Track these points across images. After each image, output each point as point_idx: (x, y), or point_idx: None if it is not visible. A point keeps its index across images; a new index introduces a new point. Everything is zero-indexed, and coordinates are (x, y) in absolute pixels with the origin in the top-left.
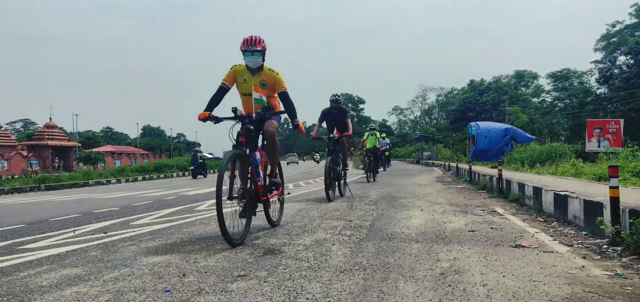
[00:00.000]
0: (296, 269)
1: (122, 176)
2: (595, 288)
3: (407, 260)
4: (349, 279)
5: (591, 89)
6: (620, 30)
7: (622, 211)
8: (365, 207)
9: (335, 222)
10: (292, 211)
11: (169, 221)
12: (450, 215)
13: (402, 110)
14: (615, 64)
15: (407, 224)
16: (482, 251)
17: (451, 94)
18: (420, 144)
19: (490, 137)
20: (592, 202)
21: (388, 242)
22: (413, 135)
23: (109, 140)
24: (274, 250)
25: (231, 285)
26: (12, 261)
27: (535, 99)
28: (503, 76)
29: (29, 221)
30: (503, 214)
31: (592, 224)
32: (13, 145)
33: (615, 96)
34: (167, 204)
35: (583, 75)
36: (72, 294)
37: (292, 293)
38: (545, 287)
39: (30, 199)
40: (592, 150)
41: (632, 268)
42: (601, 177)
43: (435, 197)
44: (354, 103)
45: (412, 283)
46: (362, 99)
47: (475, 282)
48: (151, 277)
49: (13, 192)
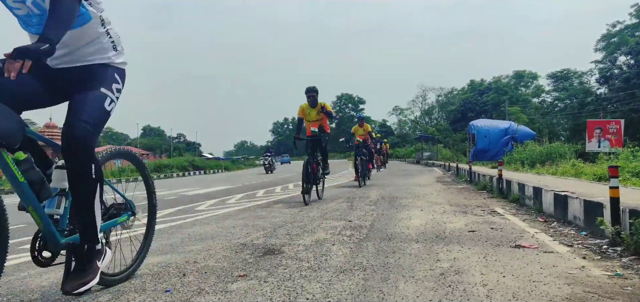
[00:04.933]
0: (296, 269)
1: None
2: (595, 288)
3: (407, 260)
4: (349, 280)
5: (591, 89)
6: (620, 31)
7: (622, 211)
8: (365, 208)
9: (335, 222)
10: (291, 211)
11: (169, 221)
12: (451, 215)
13: (402, 111)
14: (616, 64)
15: (407, 225)
16: (482, 251)
17: (451, 94)
18: (421, 144)
19: (490, 137)
20: (592, 202)
21: (388, 243)
22: (413, 135)
23: (109, 140)
24: (274, 250)
25: (231, 285)
26: (12, 261)
27: (535, 99)
28: (503, 76)
29: (29, 221)
30: (503, 214)
31: (592, 224)
32: None
33: (616, 96)
34: (167, 204)
35: (583, 75)
36: None
37: (292, 293)
38: (545, 287)
39: None
40: (592, 150)
41: (632, 268)
42: (601, 178)
43: (435, 197)
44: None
45: (412, 283)
46: (362, 99)
47: (475, 283)
48: (151, 277)
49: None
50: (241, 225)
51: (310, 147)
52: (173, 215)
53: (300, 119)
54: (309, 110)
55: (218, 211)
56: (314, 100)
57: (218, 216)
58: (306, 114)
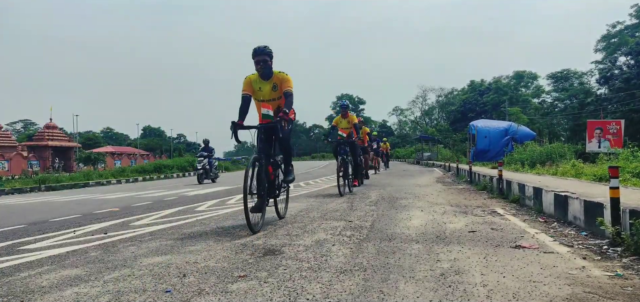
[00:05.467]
0: (296, 270)
1: (123, 176)
2: (596, 289)
3: (408, 260)
4: (349, 280)
5: (591, 89)
6: (620, 31)
7: (623, 211)
8: (366, 208)
9: (335, 222)
10: (292, 212)
11: (170, 221)
12: (451, 216)
13: (403, 111)
14: (616, 65)
15: (407, 225)
16: (482, 252)
17: (451, 94)
18: (421, 144)
19: (490, 138)
20: (592, 202)
21: (388, 243)
22: (413, 135)
23: (109, 141)
24: (274, 250)
25: (231, 286)
26: (12, 262)
27: (535, 99)
28: (503, 77)
29: (30, 221)
30: (503, 214)
31: (592, 224)
32: (13, 145)
33: (616, 97)
34: (167, 205)
35: (583, 75)
36: (72, 295)
37: (293, 294)
38: (545, 287)
39: (31, 200)
40: (592, 150)
41: (633, 269)
42: (601, 178)
43: (435, 197)
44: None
45: (413, 284)
46: (362, 100)
47: (475, 283)
48: (151, 278)
49: (13, 192)
50: (241, 225)
51: (262, 139)
52: (173, 215)
53: (245, 98)
54: (259, 82)
55: (218, 211)
56: (266, 68)
57: (218, 217)
58: (255, 91)
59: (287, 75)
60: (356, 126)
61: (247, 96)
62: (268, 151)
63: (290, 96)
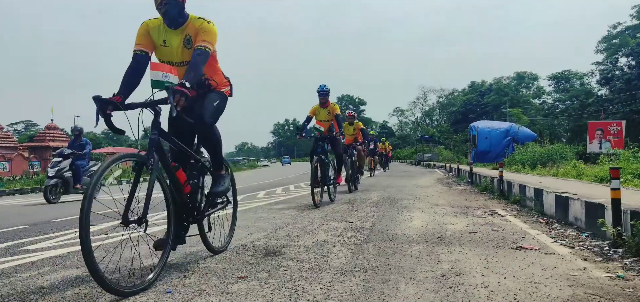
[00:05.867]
0: (297, 271)
1: (123, 177)
2: (597, 290)
3: (408, 261)
4: (349, 281)
5: (592, 90)
6: (621, 32)
7: (624, 212)
8: (366, 209)
9: (336, 223)
10: (292, 212)
11: None
12: (451, 217)
13: (403, 112)
14: (617, 66)
15: (408, 226)
16: (483, 253)
17: (452, 95)
18: (421, 145)
19: (491, 139)
20: (593, 203)
21: (389, 244)
22: (414, 136)
23: (110, 142)
24: (274, 251)
25: (232, 286)
26: (13, 262)
27: (536, 100)
28: (504, 78)
29: (30, 222)
30: (504, 215)
31: (593, 225)
32: (14, 146)
33: (617, 98)
34: None
35: (584, 76)
36: (73, 295)
37: (293, 295)
38: (546, 289)
39: (32, 200)
40: (593, 151)
41: (634, 270)
42: (602, 179)
43: (436, 198)
44: (354, 104)
45: (413, 285)
46: (363, 101)
47: (476, 284)
48: None
49: (14, 193)
50: (242, 226)
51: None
52: None
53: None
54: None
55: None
56: (174, 6)
57: (219, 217)
58: (156, 46)
59: (209, 24)
60: (338, 117)
61: (141, 54)
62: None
63: (203, 54)
